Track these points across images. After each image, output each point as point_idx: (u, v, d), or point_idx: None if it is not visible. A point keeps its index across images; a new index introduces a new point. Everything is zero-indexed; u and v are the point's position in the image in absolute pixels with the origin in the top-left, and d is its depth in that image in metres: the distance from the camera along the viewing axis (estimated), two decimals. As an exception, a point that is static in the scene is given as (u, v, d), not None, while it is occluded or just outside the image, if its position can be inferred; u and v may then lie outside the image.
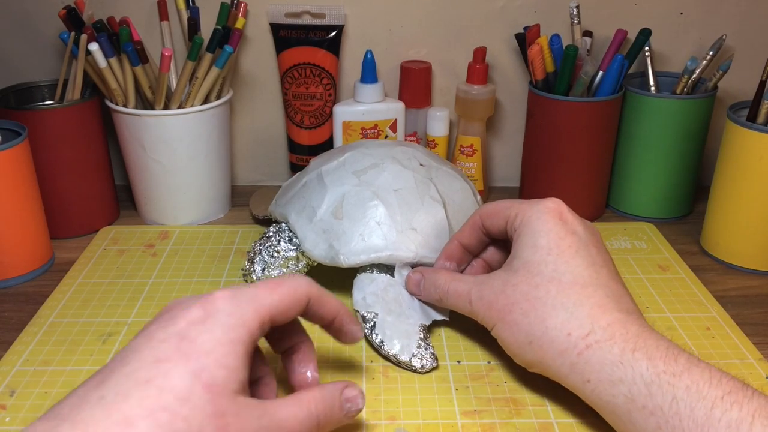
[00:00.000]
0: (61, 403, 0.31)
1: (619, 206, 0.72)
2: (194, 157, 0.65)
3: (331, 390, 0.38)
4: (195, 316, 0.34)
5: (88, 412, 0.29)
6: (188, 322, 0.33)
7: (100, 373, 0.32)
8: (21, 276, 0.59)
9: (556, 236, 0.43)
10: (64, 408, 0.30)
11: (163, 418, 0.29)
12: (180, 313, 0.34)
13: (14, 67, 0.72)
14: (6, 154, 0.55)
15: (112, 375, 0.31)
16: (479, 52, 0.68)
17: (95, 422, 0.29)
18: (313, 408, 0.36)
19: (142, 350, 0.32)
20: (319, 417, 0.36)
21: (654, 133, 0.66)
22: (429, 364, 0.47)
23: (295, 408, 0.35)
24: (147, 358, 0.31)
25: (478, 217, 0.49)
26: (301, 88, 0.71)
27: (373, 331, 0.48)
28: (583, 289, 0.41)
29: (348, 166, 0.56)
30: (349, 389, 0.39)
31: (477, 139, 0.70)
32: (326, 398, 0.37)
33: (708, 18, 0.72)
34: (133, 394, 0.30)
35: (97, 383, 0.31)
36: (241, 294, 0.35)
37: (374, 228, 0.52)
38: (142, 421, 0.29)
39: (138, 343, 0.33)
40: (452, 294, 0.47)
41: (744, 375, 0.47)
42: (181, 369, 0.31)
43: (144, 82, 0.62)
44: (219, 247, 0.64)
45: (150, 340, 0.33)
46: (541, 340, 0.41)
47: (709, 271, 0.61)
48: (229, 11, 0.66)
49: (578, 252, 0.42)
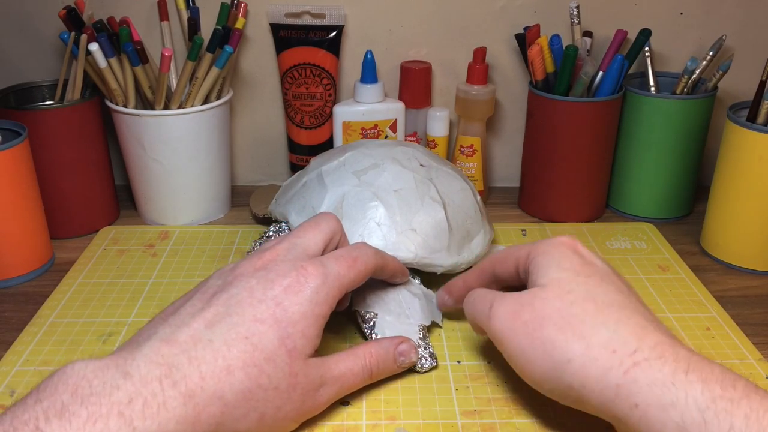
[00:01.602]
0: (174, 327, 0.37)
1: (619, 206, 0.72)
2: (194, 157, 0.65)
3: (387, 345, 0.45)
4: (290, 284, 0.39)
5: (201, 351, 0.36)
6: (284, 289, 0.39)
7: (206, 311, 0.38)
8: (21, 276, 0.59)
9: (579, 263, 0.41)
10: (181, 334, 0.36)
11: (254, 372, 0.37)
12: (277, 279, 0.39)
13: (14, 67, 0.72)
14: (6, 154, 0.55)
15: (220, 322, 0.37)
16: (479, 53, 0.68)
17: (206, 363, 0.35)
18: (367, 361, 0.43)
19: (243, 305, 0.38)
20: (372, 369, 0.43)
21: (654, 133, 0.66)
22: (428, 363, 0.47)
23: (351, 362, 0.42)
24: (248, 314, 0.38)
25: (489, 263, 0.47)
26: (301, 88, 0.71)
27: (372, 330, 0.48)
28: (621, 310, 0.38)
29: (348, 166, 0.56)
30: (403, 345, 0.45)
31: (477, 139, 0.70)
32: (380, 352, 0.44)
33: (708, 18, 0.72)
34: (235, 346, 0.37)
35: (206, 324, 0.37)
36: (329, 272, 0.41)
37: (374, 228, 0.52)
38: (239, 371, 0.36)
39: (239, 295, 0.39)
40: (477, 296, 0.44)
41: (744, 375, 0.46)
42: (273, 333, 0.38)
43: (144, 82, 0.62)
44: (219, 247, 0.64)
45: (251, 297, 0.39)
46: (582, 358, 0.36)
47: (709, 271, 0.61)
48: (229, 11, 0.66)
49: (604, 279, 0.40)
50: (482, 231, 0.57)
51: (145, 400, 0.33)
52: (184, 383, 0.34)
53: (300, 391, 0.39)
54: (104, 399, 0.32)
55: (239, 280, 0.40)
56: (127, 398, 0.33)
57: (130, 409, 0.32)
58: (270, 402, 0.37)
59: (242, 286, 0.39)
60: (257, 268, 0.41)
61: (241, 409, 0.36)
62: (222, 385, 0.35)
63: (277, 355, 0.38)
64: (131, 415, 0.32)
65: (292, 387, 0.38)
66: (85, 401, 0.32)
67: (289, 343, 0.38)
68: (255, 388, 0.37)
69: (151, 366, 0.34)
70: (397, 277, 0.49)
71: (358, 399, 0.44)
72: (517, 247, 0.45)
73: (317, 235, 0.44)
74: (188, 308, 0.39)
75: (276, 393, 0.38)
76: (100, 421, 0.31)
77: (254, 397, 0.37)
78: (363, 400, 0.44)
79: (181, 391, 0.34)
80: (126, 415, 0.32)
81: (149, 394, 0.33)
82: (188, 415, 0.34)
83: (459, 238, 0.55)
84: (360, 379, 0.43)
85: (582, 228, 0.67)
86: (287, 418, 0.39)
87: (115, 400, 0.32)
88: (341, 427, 0.42)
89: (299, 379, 0.39)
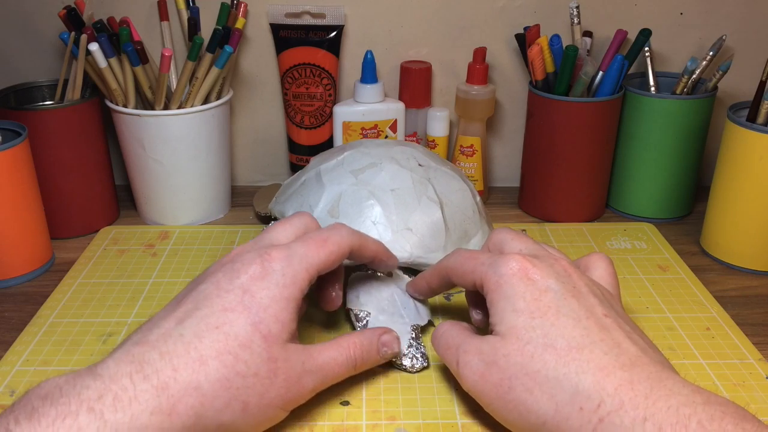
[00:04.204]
0: (146, 331, 0.37)
1: (619, 206, 0.72)
2: (194, 157, 0.65)
3: (369, 336, 0.44)
4: (255, 271, 0.39)
5: (171, 346, 0.36)
6: (249, 276, 0.39)
7: (176, 311, 0.38)
8: (21, 276, 0.59)
9: (531, 298, 0.39)
10: (151, 335, 0.37)
11: (228, 360, 0.36)
12: (242, 268, 0.40)
13: (14, 67, 0.72)
14: (6, 154, 0.55)
15: (189, 317, 0.38)
16: (479, 53, 0.68)
17: (177, 356, 0.36)
18: (351, 352, 0.43)
19: (212, 298, 0.38)
20: (356, 359, 0.43)
21: (654, 133, 0.66)
22: (419, 363, 0.47)
23: (335, 352, 0.42)
24: (216, 305, 0.38)
25: (446, 272, 0.46)
26: (301, 88, 0.71)
27: None
28: (580, 353, 0.37)
29: (346, 165, 0.56)
30: (385, 335, 0.45)
31: (477, 139, 0.70)
32: (364, 343, 0.44)
33: (708, 18, 0.72)
34: (206, 337, 0.37)
35: (176, 321, 0.37)
36: (294, 254, 0.41)
37: (370, 227, 0.52)
38: (212, 361, 0.36)
39: (207, 289, 0.39)
40: (443, 339, 0.43)
41: (744, 375, 0.47)
42: (243, 320, 0.38)
43: (144, 82, 0.62)
44: (219, 247, 0.64)
45: (218, 289, 0.39)
46: (555, 419, 0.36)
47: (709, 271, 0.61)
48: (229, 11, 0.66)
49: (560, 310, 0.38)
50: (480, 231, 0.57)
51: (115, 395, 0.33)
52: (156, 376, 0.34)
53: (282, 377, 0.38)
54: (74, 398, 0.32)
55: (208, 277, 0.41)
56: (96, 395, 0.33)
57: (101, 404, 0.32)
58: (251, 389, 0.37)
59: (209, 281, 0.40)
60: (224, 263, 0.41)
61: (221, 398, 0.36)
62: (196, 375, 0.35)
63: (252, 341, 0.37)
64: (101, 409, 0.32)
65: (272, 372, 0.38)
66: (55, 402, 0.32)
67: (263, 329, 0.38)
68: (233, 376, 0.36)
69: (122, 365, 0.34)
70: (381, 262, 0.48)
71: (358, 399, 0.44)
72: (470, 267, 0.43)
73: (288, 228, 0.44)
74: (161, 313, 0.40)
75: (256, 380, 0.37)
76: (69, 417, 0.31)
77: (233, 386, 0.36)
78: (363, 400, 0.44)
79: (153, 384, 0.34)
80: (96, 409, 0.32)
81: (119, 389, 0.33)
82: (162, 405, 0.34)
83: (456, 238, 0.55)
84: (344, 369, 0.42)
85: (582, 228, 0.67)
86: (272, 405, 0.39)
87: (84, 397, 0.32)
88: (341, 427, 0.42)
89: (279, 364, 0.38)
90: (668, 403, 0.33)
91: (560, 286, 0.40)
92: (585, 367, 0.36)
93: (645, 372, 0.36)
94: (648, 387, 0.35)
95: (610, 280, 0.44)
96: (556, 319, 0.38)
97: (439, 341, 0.43)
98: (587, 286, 0.41)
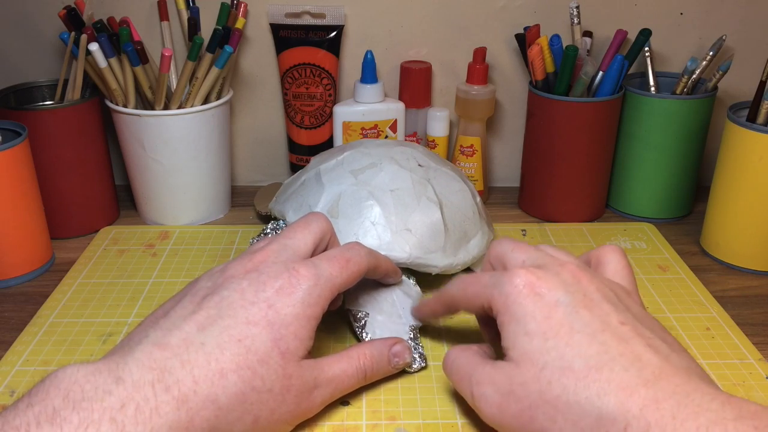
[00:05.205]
0: (166, 331, 0.37)
1: (619, 206, 0.72)
2: (194, 157, 0.65)
3: (380, 346, 0.45)
4: (282, 286, 0.39)
5: (193, 355, 0.36)
6: (275, 291, 0.39)
7: (198, 313, 0.38)
8: (21, 276, 0.59)
9: (542, 316, 0.37)
10: (172, 338, 0.36)
11: (247, 375, 0.37)
12: (269, 281, 0.40)
13: (14, 67, 0.72)
14: (6, 154, 0.55)
15: (212, 324, 0.38)
16: (479, 53, 0.68)
17: (198, 366, 0.36)
18: (361, 363, 0.43)
19: (235, 308, 0.38)
20: (366, 370, 0.43)
21: (654, 133, 0.66)
22: (418, 364, 0.47)
23: (345, 364, 0.42)
24: (240, 317, 0.38)
25: (452, 301, 0.44)
26: (301, 88, 0.71)
27: (363, 330, 0.48)
28: (599, 373, 0.35)
29: (346, 165, 0.56)
30: (397, 346, 0.45)
31: (477, 139, 0.70)
32: (375, 354, 0.44)
33: (708, 18, 0.72)
34: (228, 349, 0.37)
35: (198, 327, 0.37)
36: (321, 274, 0.41)
37: (369, 228, 0.52)
38: (232, 374, 0.36)
39: (231, 297, 0.39)
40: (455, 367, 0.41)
41: (744, 375, 0.47)
42: (266, 336, 0.38)
43: (144, 82, 0.62)
44: (219, 247, 0.64)
45: (243, 299, 0.39)
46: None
47: (709, 271, 0.61)
48: (229, 11, 0.66)
49: (573, 327, 0.36)
50: (480, 232, 0.57)
51: (137, 406, 0.33)
52: (177, 387, 0.34)
53: (294, 393, 0.39)
54: (96, 404, 0.32)
55: (230, 282, 0.40)
56: (119, 404, 0.32)
57: (123, 415, 0.32)
58: (264, 404, 0.38)
59: (233, 288, 0.39)
60: (248, 270, 0.41)
61: (235, 412, 0.36)
62: (215, 388, 0.36)
63: (271, 358, 0.38)
64: (123, 420, 0.32)
65: (286, 389, 0.38)
66: (77, 406, 0.32)
67: (282, 345, 0.38)
68: (249, 391, 0.37)
69: (144, 371, 0.34)
70: (389, 277, 0.49)
71: (358, 399, 0.44)
72: (475, 291, 0.41)
73: (307, 236, 0.44)
74: (179, 311, 0.39)
75: (270, 395, 0.38)
76: (92, 426, 0.31)
77: (248, 400, 0.37)
78: (363, 400, 0.44)
79: (174, 395, 0.34)
80: (118, 420, 0.32)
81: (141, 399, 0.33)
82: (181, 419, 0.34)
83: (455, 239, 0.55)
84: (354, 380, 0.43)
85: (582, 228, 0.67)
86: (281, 421, 0.39)
87: (107, 405, 0.32)
88: (341, 427, 0.42)
89: (293, 381, 0.39)
90: (697, 422, 0.31)
91: (570, 298, 0.37)
92: (606, 388, 0.34)
93: (670, 386, 0.33)
94: (675, 405, 0.33)
95: (624, 273, 0.42)
96: (570, 337, 0.36)
97: (450, 371, 0.42)
98: (599, 291, 0.38)
